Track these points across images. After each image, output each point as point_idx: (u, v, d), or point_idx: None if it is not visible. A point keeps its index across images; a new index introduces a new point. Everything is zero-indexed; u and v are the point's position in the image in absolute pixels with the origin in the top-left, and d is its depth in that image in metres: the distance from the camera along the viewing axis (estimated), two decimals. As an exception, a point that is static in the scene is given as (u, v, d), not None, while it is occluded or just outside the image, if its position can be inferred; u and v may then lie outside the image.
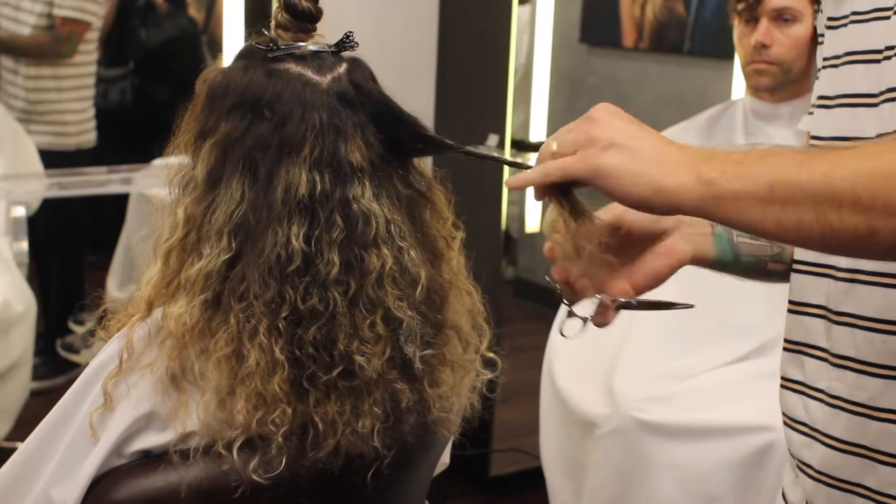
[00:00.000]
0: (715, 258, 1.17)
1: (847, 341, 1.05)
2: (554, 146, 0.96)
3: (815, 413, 1.10)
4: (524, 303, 4.85)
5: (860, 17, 1.07)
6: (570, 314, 1.06)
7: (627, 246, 1.12)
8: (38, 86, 3.43)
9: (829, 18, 1.13)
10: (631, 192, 0.92)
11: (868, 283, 1.03)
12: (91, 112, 3.56)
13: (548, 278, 1.04)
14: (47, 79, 3.44)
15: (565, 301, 1.06)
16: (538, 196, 0.99)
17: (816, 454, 1.09)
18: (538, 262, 5.00)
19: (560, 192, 0.99)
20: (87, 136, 3.55)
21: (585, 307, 1.06)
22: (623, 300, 1.05)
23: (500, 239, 3.27)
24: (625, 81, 4.62)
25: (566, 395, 2.45)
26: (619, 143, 0.92)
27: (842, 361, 1.06)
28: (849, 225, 0.84)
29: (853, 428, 1.05)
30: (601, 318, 1.07)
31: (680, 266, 1.12)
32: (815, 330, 1.10)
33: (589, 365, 2.47)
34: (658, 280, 1.05)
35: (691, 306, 1.05)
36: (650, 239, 1.13)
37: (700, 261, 1.16)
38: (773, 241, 1.11)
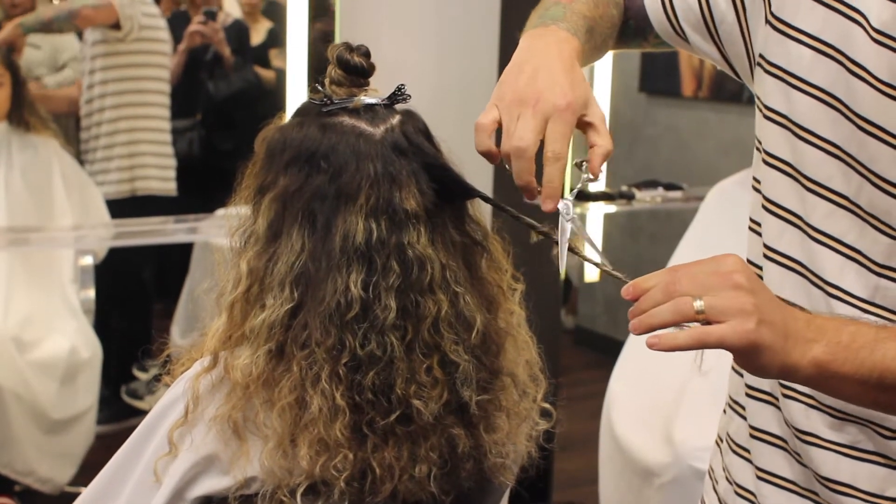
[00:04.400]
0: None
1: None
2: (699, 305, 0.95)
3: None
4: (584, 351, 4.84)
5: None
6: None
7: None
8: (114, 128, 3.47)
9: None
10: (769, 370, 0.98)
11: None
12: (169, 161, 3.60)
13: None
14: (122, 133, 3.49)
15: None
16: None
17: None
18: (598, 311, 4.99)
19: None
20: (167, 183, 3.59)
21: None
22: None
23: (560, 288, 3.28)
24: (684, 130, 4.63)
25: (625, 442, 2.43)
26: (767, 319, 0.96)
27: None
28: None
29: None
30: None
31: None
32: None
33: (648, 413, 2.45)
34: None
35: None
36: None
37: None
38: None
